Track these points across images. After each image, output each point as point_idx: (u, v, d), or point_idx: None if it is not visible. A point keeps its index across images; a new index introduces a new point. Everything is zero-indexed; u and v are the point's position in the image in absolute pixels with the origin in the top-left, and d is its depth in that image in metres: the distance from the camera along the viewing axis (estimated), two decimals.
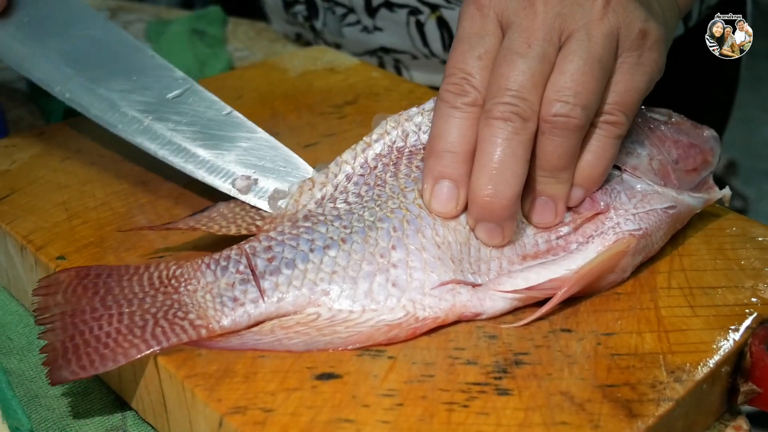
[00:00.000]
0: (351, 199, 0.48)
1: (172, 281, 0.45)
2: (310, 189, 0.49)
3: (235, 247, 0.46)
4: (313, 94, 0.69)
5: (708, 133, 0.54)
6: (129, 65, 0.56)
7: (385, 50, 0.82)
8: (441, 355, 0.42)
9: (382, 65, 0.84)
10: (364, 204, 0.47)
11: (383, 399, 0.39)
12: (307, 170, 0.52)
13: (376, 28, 0.80)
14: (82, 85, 0.54)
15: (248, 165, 0.52)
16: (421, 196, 0.47)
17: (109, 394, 0.46)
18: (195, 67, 0.81)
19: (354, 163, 0.50)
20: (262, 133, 0.54)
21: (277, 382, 0.40)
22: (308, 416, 0.38)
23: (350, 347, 0.42)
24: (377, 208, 0.47)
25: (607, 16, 0.46)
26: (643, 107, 0.53)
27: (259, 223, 0.48)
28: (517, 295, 0.44)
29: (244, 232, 0.47)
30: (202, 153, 0.52)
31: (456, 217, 0.46)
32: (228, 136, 0.53)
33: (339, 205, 0.48)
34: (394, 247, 0.45)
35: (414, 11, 0.77)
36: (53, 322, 0.42)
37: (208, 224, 0.48)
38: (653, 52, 0.47)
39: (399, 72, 0.83)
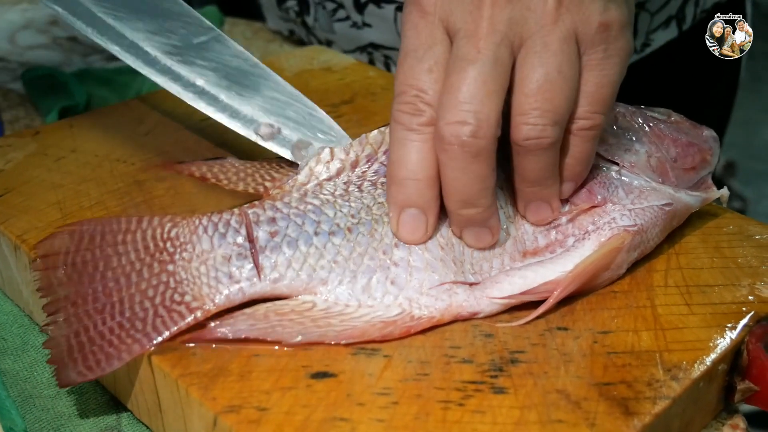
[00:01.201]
0: (366, 186, 0.47)
1: (167, 245, 0.44)
2: (327, 161, 0.47)
3: (236, 211, 0.45)
4: (309, 93, 0.68)
5: (707, 132, 0.53)
6: (155, 9, 0.55)
7: (375, 46, 0.81)
8: (436, 353, 0.42)
9: (372, 62, 0.83)
10: (376, 196, 0.47)
11: (378, 397, 0.39)
12: (332, 125, 0.52)
13: (365, 24, 0.79)
14: (105, 23, 0.53)
15: (272, 113, 0.51)
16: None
17: (103, 394, 0.46)
18: None
19: (379, 148, 0.48)
20: (287, 86, 0.53)
21: (272, 381, 0.40)
22: (303, 415, 0.38)
23: (344, 342, 0.41)
24: (387, 205, 0.46)
25: (561, 18, 0.43)
26: (642, 106, 0.53)
27: (268, 184, 0.47)
28: (515, 294, 0.44)
29: (251, 190, 0.47)
30: (225, 98, 0.52)
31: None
32: (253, 85, 0.53)
33: (351, 189, 0.47)
34: (397, 245, 0.45)
35: (401, 7, 0.76)
36: (58, 312, 0.41)
37: (218, 175, 0.48)
38: (619, 40, 0.44)
39: (389, 69, 0.83)
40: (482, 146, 0.42)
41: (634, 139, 0.50)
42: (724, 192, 0.52)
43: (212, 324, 0.42)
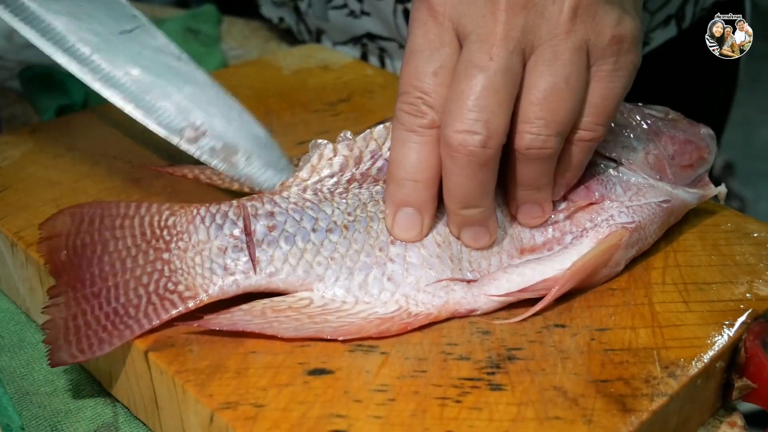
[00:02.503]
0: (367, 183, 0.47)
1: (164, 233, 0.44)
2: (330, 158, 0.47)
3: (234, 203, 0.45)
4: (307, 91, 0.68)
5: (704, 130, 0.53)
6: None
7: (371, 37, 0.80)
8: (434, 350, 0.42)
9: (365, 55, 0.82)
10: (374, 193, 0.47)
11: (375, 394, 0.39)
12: (260, 130, 0.50)
13: (363, 13, 0.78)
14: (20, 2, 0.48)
15: (194, 114, 0.48)
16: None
17: (100, 391, 0.46)
18: None
19: (384, 144, 0.48)
20: (213, 84, 0.51)
21: (269, 378, 0.40)
22: (300, 411, 0.38)
23: (341, 338, 0.41)
24: (383, 203, 0.46)
25: (574, 29, 0.42)
26: (639, 104, 0.53)
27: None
28: (512, 292, 0.44)
29: (246, 189, 0.47)
30: (144, 95, 0.48)
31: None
32: (176, 81, 0.49)
33: (352, 187, 0.47)
34: (393, 242, 0.45)
35: None
36: (59, 294, 0.42)
37: (212, 176, 0.48)
38: (630, 54, 0.44)
39: (383, 63, 0.81)
40: (490, 156, 0.42)
41: (631, 136, 0.50)
42: (722, 189, 0.52)
43: (208, 317, 0.42)
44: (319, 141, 0.47)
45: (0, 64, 0.84)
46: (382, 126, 0.48)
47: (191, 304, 0.42)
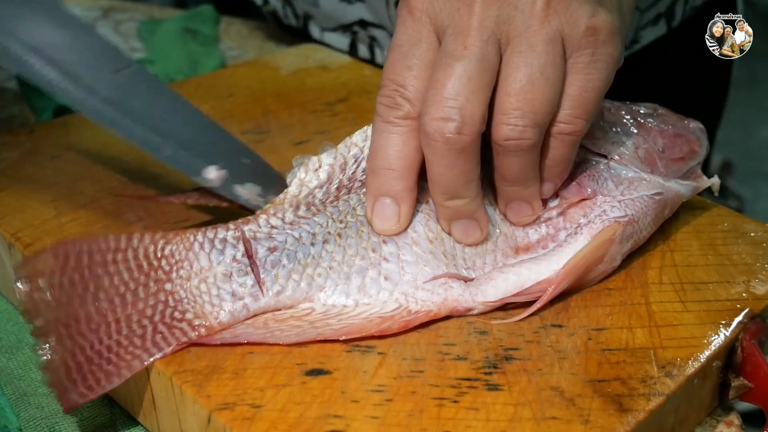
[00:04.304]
0: (355, 187, 0.47)
1: (162, 262, 0.43)
2: (316, 169, 0.47)
3: (231, 226, 0.45)
4: (305, 92, 0.69)
5: (694, 124, 0.54)
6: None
7: (363, 24, 0.79)
8: (431, 350, 0.42)
9: (354, 43, 0.81)
10: (361, 196, 0.47)
11: (373, 395, 0.39)
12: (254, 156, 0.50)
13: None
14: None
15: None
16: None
17: None
18: (187, 65, 0.81)
19: (364, 145, 0.48)
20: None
21: (266, 378, 0.40)
22: (297, 412, 0.38)
23: (342, 338, 0.41)
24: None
25: (548, 19, 0.43)
26: (627, 102, 0.54)
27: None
28: (508, 296, 0.44)
29: (236, 205, 0.47)
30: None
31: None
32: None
33: (342, 193, 0.47)
34: (385, 241, 0.45)
35: None
36: (47, 334, 0.40)
37: (200, 200, 0.48)
38: (607, 46, 0.44)
39: (372, 53, 0.80)
40: (467, 142, 0.42)
41: (620, 131, 0.51)
42: (715, 180, 0.52)
43: (212, 336, 0.42)
44: (303, 155, 0.48)
45: None
46: (360, 131, 0.49)
47: (203, 331, 0.42)
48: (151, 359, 0.40)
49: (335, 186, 0.47)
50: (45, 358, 0.39)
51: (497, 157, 0.45)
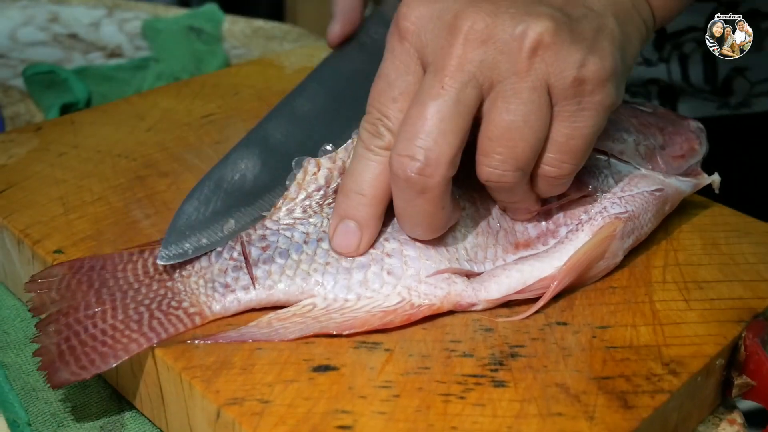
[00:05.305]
0: None
1: (168, 267, 0.45)
2: (314, 173, 0.48)
3: None
4: None
5: (693, 123, 0.54)
6: None
7: None
8: (437, 347, 0.42)
9: None
10: None
11: (380, 390, 0.39)
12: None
13: None
14: None
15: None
16: None
17: (106, 388, 0.46)
18: (191, 64, 0.82)
19: None
20: None
21: (275, 374, 0.40)
22: (305, 407, 0.38)
23: (345, 332, 0.42)
24: None
25: (534, 67, 0.41)
26: (626, 100, 0.54)
27: None
28: (510, 293, 0.45)
29: None
30: None
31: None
32: None
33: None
34: (387, 239, 0.46)
35: None
36: (48, 324, 0.42)
37: None
38: (596, 95, 0.42)
39: None
40: (428, 185, 0.42)
41: (620, 129, 0.51)
42: (715, 178, 0.52)
43: (218, 335, 0.42)
44: (302, 158, 0.48)
45: (3, 62, 0.84)
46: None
47: (198, 320, 0.43)
48: (148, 343, 0.41)
49: (333, 188, 0.48)
50: (40, 344, 0.41)
51: (487, 188, 0.45)
